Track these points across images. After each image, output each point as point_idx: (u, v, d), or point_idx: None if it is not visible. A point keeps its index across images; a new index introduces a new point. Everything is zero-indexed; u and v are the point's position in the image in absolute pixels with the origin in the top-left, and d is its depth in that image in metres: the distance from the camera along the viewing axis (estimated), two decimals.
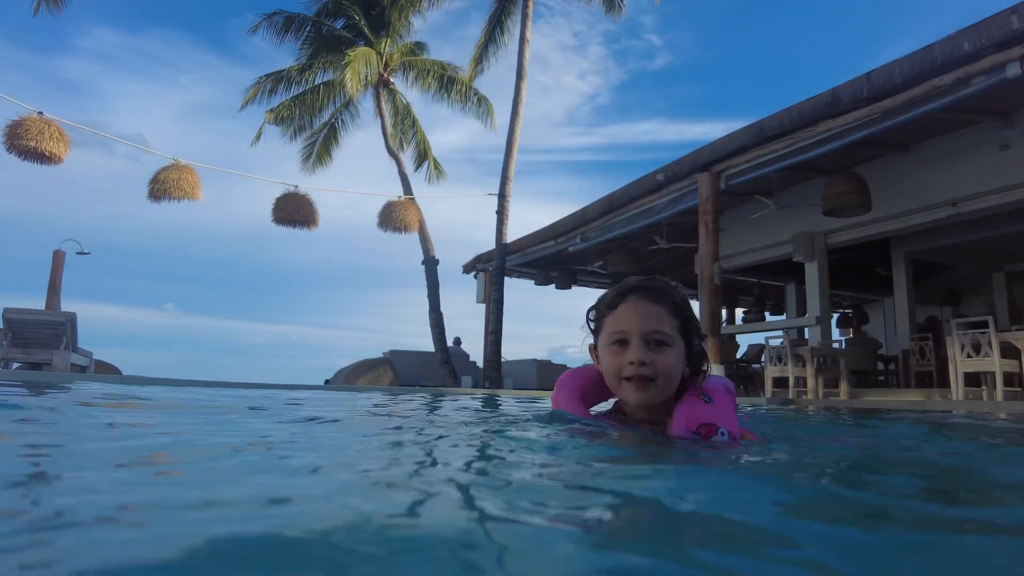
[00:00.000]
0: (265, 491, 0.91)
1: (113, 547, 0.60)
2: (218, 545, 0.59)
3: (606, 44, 30.65)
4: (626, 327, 1.51)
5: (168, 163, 11.57)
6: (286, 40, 16.18)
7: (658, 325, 1.49)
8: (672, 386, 1.51)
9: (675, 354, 1.50)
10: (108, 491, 0.90)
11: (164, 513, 0.76)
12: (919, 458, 1.77)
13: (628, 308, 1.53)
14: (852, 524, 0.85)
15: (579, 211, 12.34)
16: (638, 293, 1.54)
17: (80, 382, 6.25)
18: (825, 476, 1.30)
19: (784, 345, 8.99)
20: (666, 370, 1.48)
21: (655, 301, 1.52)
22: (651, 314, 1.50)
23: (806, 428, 3.09)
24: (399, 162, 15.78)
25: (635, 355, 1.47)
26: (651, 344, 1.48)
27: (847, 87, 7.12)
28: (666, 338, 1.49)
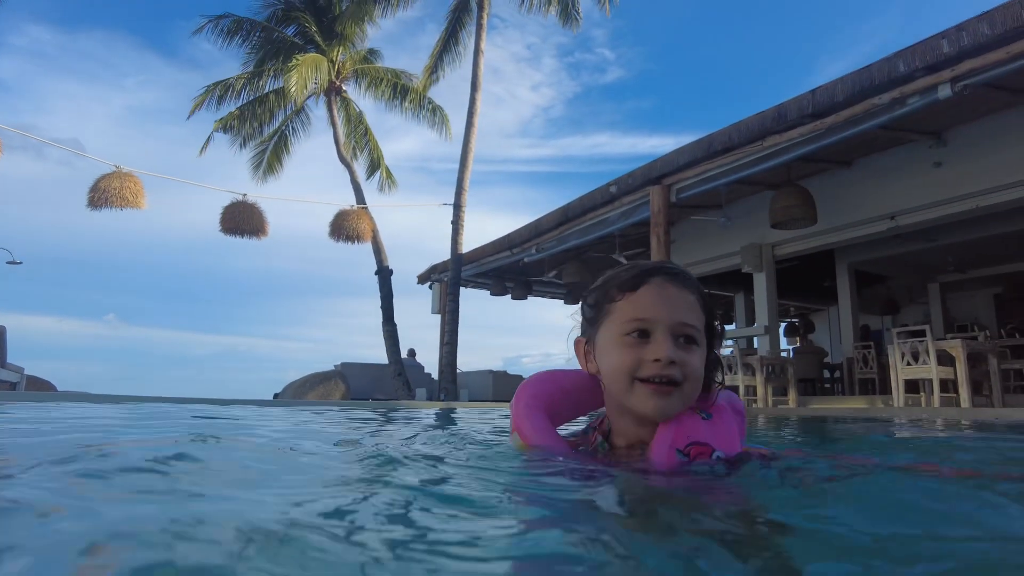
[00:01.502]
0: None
1: None
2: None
3: (559, 57, 31.09)
4: (650, 315, 1.18)
5: (110, 170, 11.13)
6: (233, 44, 15.83)
7: (688, 317, 1.20)
8: (694, 397, 1.21)
9: (701, 356, 1.21)
10: None
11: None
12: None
13: (653, 292, 1.20)
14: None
15: (534, 222, 12.39)
16: (666, 275, 1.23)
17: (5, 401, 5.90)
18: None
19: (734, 355, 9.16)
20: (694, 375, 1.19)
21: (685, 287, 1.23)
22: (681, 303, 1.20)
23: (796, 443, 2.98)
24: (351, 170, 15.56)
25: (663, 351, 1.15)
26: (679, 340, 1.19)
27: (793, 103, 7.34)
28: (696, 334, 1.20)
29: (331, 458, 1.65)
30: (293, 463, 1.49)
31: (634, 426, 1.26)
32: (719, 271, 11.99)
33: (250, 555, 0.63)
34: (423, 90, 17.01)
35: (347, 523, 0.85)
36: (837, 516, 0.90)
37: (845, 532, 0.82)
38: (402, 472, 1.29)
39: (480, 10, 15.41)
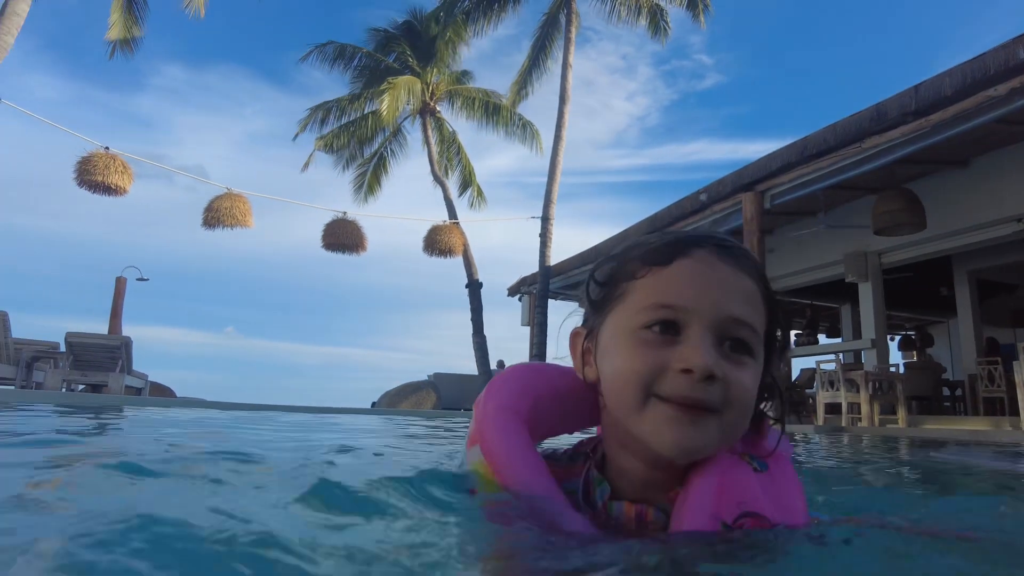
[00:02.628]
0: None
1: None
2: None
3: (655, 65, 30.64)
4: (685, 300, 0.79)
5: (221, 192, 12.08)
6: (336, 70, 16.79)
7: (744, 312, 0.80)
8: (739, 433, 0.82)
9: (756, 373, 0.82)
10: None
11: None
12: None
13: (695, 269, 0.81)
14: None
15: (621, 233, 12.24)
16: (718, 248, 0.83)
17: (136, 406, 6.50)
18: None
19: (836, 369, 8.62)
20: (744, 400, 0.79)
21: (743, 270, 0.83)
22: (736, 290, 0.81)
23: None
24: (444, 188, 16.05)
25: (699, 356, 0.76)
26: (725, 345, 0.79)
27: (893, 101, 6.87)
28: (753, 340, 0.81)
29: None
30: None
31: (643, 467, 0.84)
32: (822, 281, 11.36)
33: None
34: (512, 105, 17.31)
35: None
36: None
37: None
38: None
39: (568, 24, 15.53)
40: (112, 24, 12.76)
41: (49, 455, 1.66)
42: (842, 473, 2.38)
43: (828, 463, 2.85)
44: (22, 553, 0.61)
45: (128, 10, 13.03)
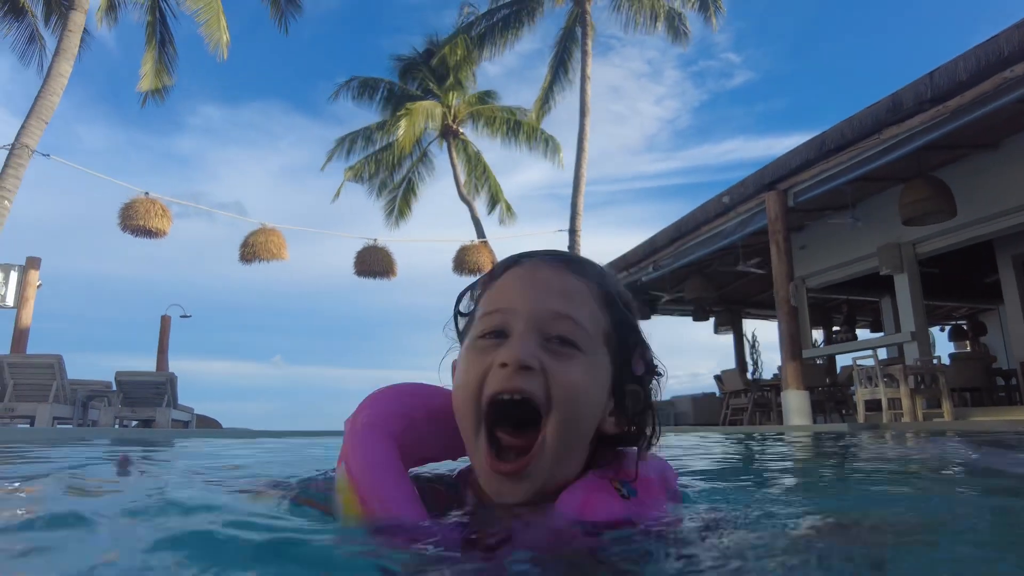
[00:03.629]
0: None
1: None
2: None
3: (681, 68, 30.45)
4: (508, 303, 0.82)
5: (256, 227, 12.51)
6: (363, 102, 17.27)
7: (568, 307, 0.81)
8: (578, 435, 0.80)
9: (589, 369, 0.80)
10: None
11: None
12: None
13: (518, 275, 0.85)
14: None
15: (648, 240, 12.22)
16: (544, 258, 0.86)
17: (182, 438, 6.76)
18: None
19: (874, 365, 8.42)
20: (573, 394, 0.78)
21: (570, 270, 0.85)
22: (557, 287, 0.82)
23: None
24: (471, 207, 16.28)
25: (514, 349, 0.77)
26: (551, 341, 0.79)
27: (908, 90, 6.76)
28: (578, 335, 0.80)
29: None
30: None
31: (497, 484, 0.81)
32: (858, 275, 11.10)
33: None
34: (536, 122, 17.50)
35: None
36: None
37: None
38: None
39: (584, 37, 15.68)
40: (144, 75, 13.41)
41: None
42: (828, 474, 2.37)
43: (831, 463, 2.84)
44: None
45: (159, 60, 13.68)
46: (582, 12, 15.81)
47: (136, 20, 13.80)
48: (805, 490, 1.61)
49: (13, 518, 0.90)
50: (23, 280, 10.81)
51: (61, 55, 11.00)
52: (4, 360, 7.45)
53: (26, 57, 14.30)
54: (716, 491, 1.42)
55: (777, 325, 8.92)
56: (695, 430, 9.04)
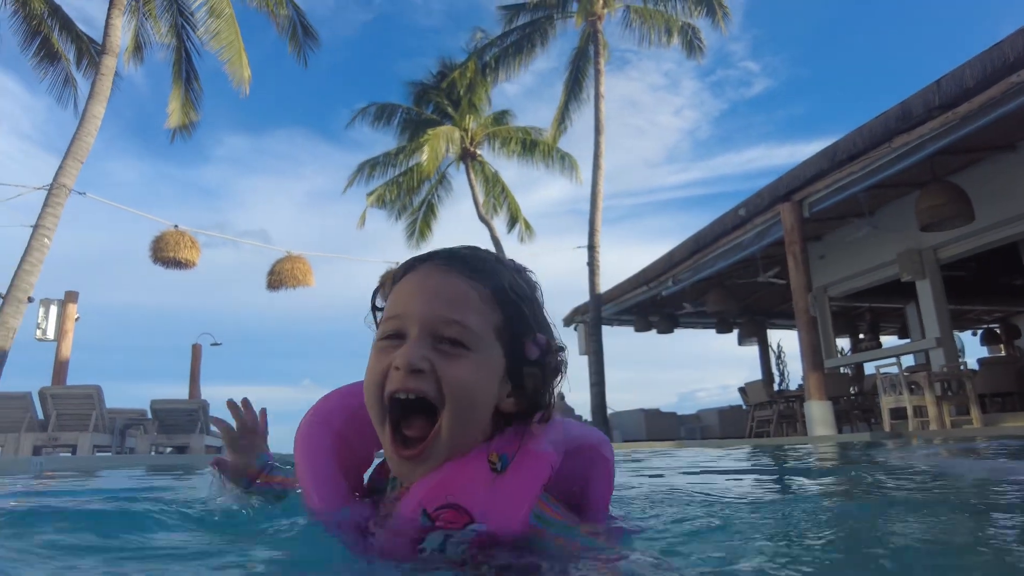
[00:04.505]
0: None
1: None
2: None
3: (699, 78, 30.46)
4: (402, 309, 0.90)
5: (281, 255, 12.86)
6: (379, 128, 17.67)
7: (456, 312, 0.89)
8: (469, 422, 0.89)
9: (481, 365, 0.89)
10: None
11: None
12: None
13: (413, 281, 0.93)
14: None
15: (667, 254, 12.29)
16: (437, 261, 0.94)
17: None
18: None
19: (897, 372, 8.36)
20: (462, 390, 0.87)
21: (459, 273, 0.92)
22: (446, 292, 0.90)
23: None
24: (490, 227, 16.50)
25: (405, 354, 0.86)
26: (441, 342, 0.88)
27: (917, 98, 6.81)
28: (466, 336, 0.88)
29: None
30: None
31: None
32: (880, 282, 11.02)
33: None
34: (553, 142, 17.72)
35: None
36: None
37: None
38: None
39: (597, 56, 15.88)
40: (171, 113, 13.91)
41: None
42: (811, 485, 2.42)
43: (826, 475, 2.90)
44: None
45: (185, 97, 14.20)
46: (594, 32, 16.04)
47: (162, 59, 14.39)
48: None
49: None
50: (62, 314, 11.24)
51: (94, 98, 11.50)
52: (47, 392, 7.79)
53: (62, 99, 14.96)
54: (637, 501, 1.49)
55: (797, 336, 8.91)
56: (710, 444, 9.04)
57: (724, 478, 2.77)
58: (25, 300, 10.35)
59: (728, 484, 2.44)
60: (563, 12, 17.31)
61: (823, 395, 8.11)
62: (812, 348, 8.43)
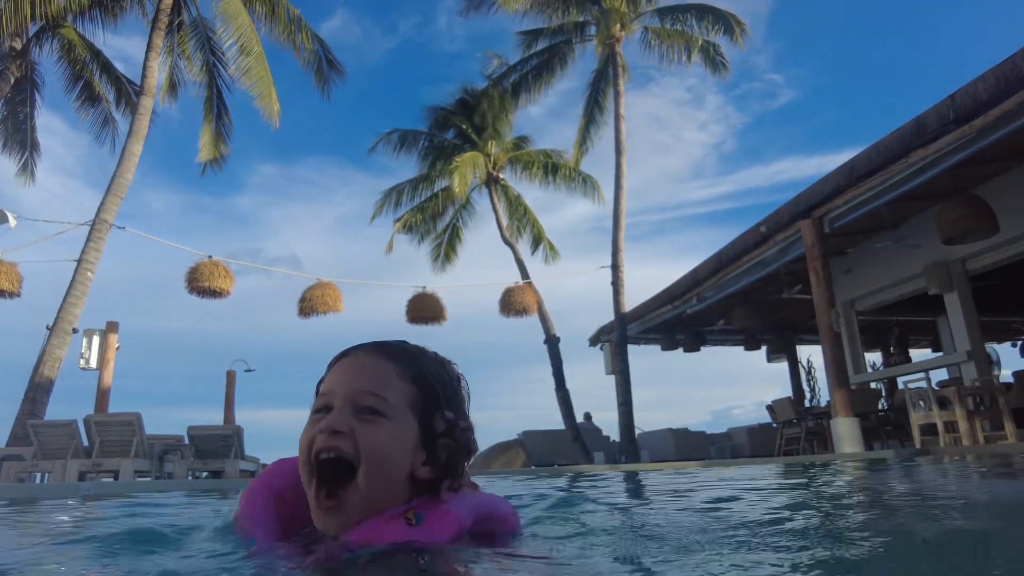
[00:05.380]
0: None
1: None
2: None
3: (723, 92, 30.41)
4: (331, 387, 1.07)
5: (312, 282, 13.20)
6: (402, 154, 18.07)
7: (374, 386, 1.05)
8: (382, 479, 1.02)
9: (394, 431, 1.04)
10: None
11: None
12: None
13: (343, 365, 1.10)
14: None
15: (690, 272, 12.31)
16: (362, 349, 1.12)
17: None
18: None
19: (925, 387, 8.25)
20: (374, 449, 1.01)
21: (382, 356, 1.10)
22: (368, 372, 1.08)
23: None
24: (514, 250, 16.68)
25: (329, 419, 1.02)
26: (361, 411, 1.03)
27: (932, 113, 6.83)
28: (382, 405, 1.04)
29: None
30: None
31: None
32: (907, 296, 10.90)
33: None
34: (575, 164, 17.92)
35: None
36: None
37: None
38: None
39: (616, 78, 16.08)
40: (202, 147, 14.47)
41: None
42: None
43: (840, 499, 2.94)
44: None
45: (216, 132, 14.76)
46: (612, 53, 16.26)
47: (195, 96, 15.00)
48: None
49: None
50: (104, 343, 11.69)
51: (133, 136, 12.06)
52: (92, 419, 8.13)
53: (101, 137, 15.68)
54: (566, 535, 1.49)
55: (822, 352, 8.87)
56: (730, 463, 8.99)
57: (702, 500, 2.82)
58: (70, 331, 10.82)
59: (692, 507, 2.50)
60: (581, 36, 17.60)
61: (849, 412, 8.04)
62: (837, 364, 8.38)
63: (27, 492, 5.82)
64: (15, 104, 14.93)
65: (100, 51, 14.96)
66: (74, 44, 14.55)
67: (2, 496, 4.99)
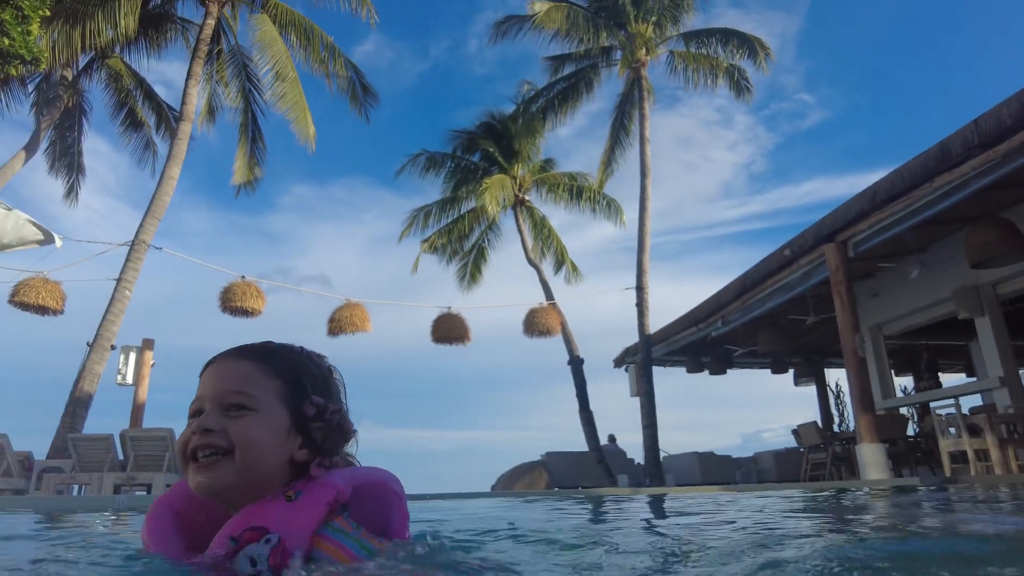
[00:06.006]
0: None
1: None
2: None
3: (752, 112, 30.26)
4: (200, 393, 1.16)
5: (341, 303, 13.48)
6: (430, 176, 18.40)
7: (238, 385, 1.14)
8: (259, 467, 1.10)
9: (262, 422, 1.12)
10: None
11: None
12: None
13: (207, 373, 1.18)
14: None
15: (715, 295, 12.30)
16: (225, 355, 1.21)
17: None
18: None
19: (955, 414, 8.12)
20: (244, 439, 1.09)
21: (243, 358, 1.19)
22: (231, 374, 1.16)
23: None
24: (539, 271, 16.82)
25: (198, 422, 1.11)
26: (228, 409, 1.12)
27: (955, 137, 6.82)
28: (248, 401, 1.13)
29: None
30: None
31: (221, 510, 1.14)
32: (937, 319, 10.73)
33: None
34: (599, 185, 18.08)
35: None
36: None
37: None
38: None
39: (641, 101, 16.24)
40: (236, 170, 14.97)
41: None
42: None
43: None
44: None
45: (250, 155, 15.26)
46: (638, 77, 16.44)
47: (231, 120, 15.55)
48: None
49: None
50: (140, 360, 12.06)
51: (172, 160, 12.54)
52: (127, 434, 8.40)
53: (143, 161, 16.32)
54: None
55: (846, 377, 8.79)
56: (750, 488, 8.90)
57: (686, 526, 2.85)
58: (109, 348, 11.22)
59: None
60: (607, 60, 17.83)
61: (875, 437, 7.94)
62: (862, 389, 8.30)
63: (65, 504, 6.07)
64: (64, 129, 15.64)
65: (144, 79, 15.64)
66: (121, 73, 15.24)
67: (42, 508, 5.23)
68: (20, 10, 7.81)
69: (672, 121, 32.53)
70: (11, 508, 5.33)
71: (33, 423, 21.72)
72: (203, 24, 13.47)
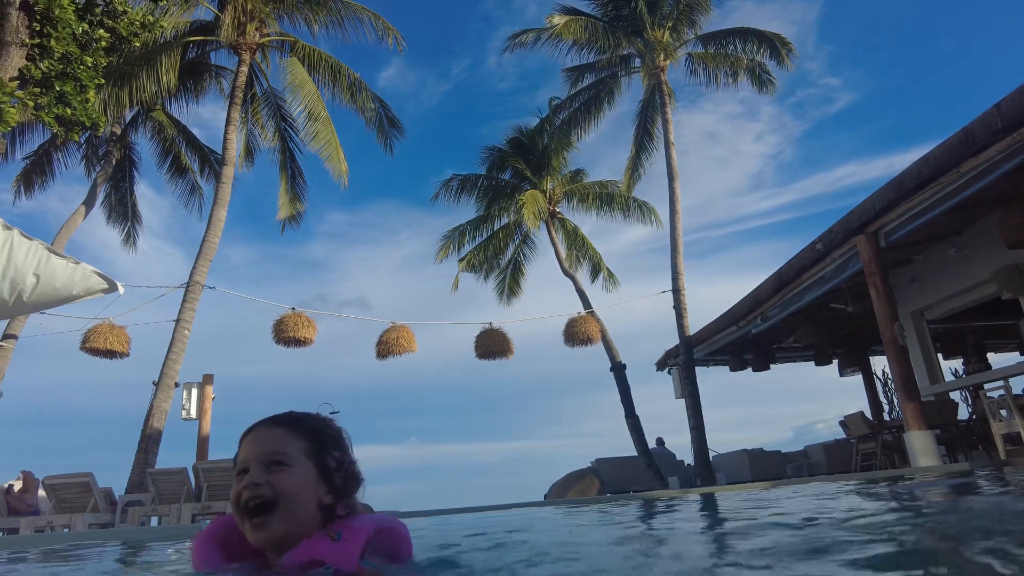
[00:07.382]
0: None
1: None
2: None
3: (777, 101, 29.96)
4: (244, 455, 1.43)
5: (387, 326, 13.95)
6: (463, 197, 18.87)
7: (274, 446, 1.42)
8: (298, 511, 1.38)
9: (296, 474, 1.40)
10: None
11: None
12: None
13: (248, 439, 1.46)
14: None
15: (752, 292, 12.37)
16: (261, 424, 1.49)
17: None
18: None
19: (1004, 396, 8.10)
20: (287, 490, 1.37)
21: (276, 425, 1.48)
22: (268, 438, 1.44)
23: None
24: (575, 280, 17.07)
25: (248, 478, 1.38)
26: (270, 466, 1.39)
27: (978, 123, 6.89)
28: (283, 458, 1.41)
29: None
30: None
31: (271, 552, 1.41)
32: (982, 301, 10.63)
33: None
34: (627, 191, 18.29)
35: None
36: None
37: None
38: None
39: (663, 106, 16.43)
40: (280, 207, 15.64)
41: None
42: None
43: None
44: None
45: (292, 191, 15.92)
46: (659, 83, 16.65)
47: (270, 160, 16.26)
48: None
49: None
50: (202, 395, 12.70)
51: (218, 204, 13.22)
52: (199, 466, 8.93)
53: (189, 205, 17.16)
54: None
55: (888, 366, 8.82)
56: (798, 481, 8.96)
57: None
58: (173, 386, 11.87)
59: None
60: (627, 68, 18.08)
61: (922, 424, 7.97)
62: (904, 378, 8.33)
63: (149, 535, 6.55)
64: (116, 180, 16.57)
65: (185, 126, 16.49)
66: (164, 124, 16.10)
67: (130, 539, 5.69)
68: (79, 80, 8.47)
69: (696, 118, 32.49)
70: (102, 540, 5.82)
71: (106, 460, 22.79)
72: (237, 71, 14.18)
